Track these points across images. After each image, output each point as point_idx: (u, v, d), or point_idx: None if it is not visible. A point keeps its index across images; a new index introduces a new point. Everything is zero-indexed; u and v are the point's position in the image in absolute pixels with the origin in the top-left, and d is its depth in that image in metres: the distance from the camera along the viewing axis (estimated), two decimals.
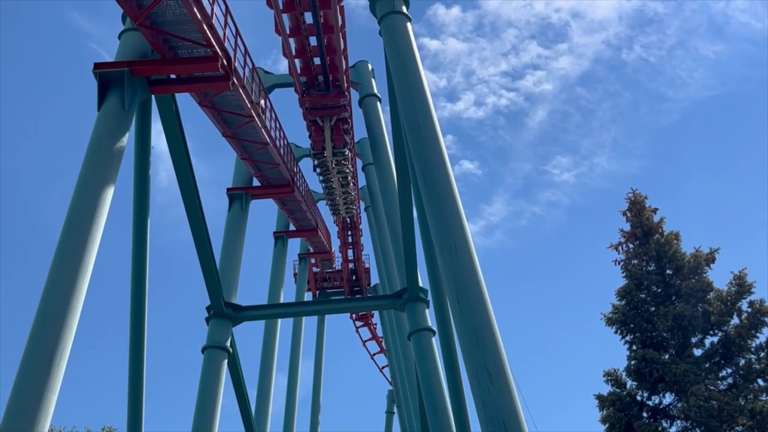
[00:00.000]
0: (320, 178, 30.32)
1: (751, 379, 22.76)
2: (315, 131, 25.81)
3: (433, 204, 15.12)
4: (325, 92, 24.00)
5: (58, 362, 12.56)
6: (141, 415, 21.23)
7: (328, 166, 27.97)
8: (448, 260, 14.10)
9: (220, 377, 22.57)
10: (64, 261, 13.72)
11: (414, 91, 17.26)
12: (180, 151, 19.44)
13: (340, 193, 31.97)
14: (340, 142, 26.30)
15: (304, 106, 24.72)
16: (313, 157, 28.03)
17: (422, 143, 16.18)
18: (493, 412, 12.04)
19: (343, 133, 25.97)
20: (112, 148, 15.52)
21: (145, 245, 20.64)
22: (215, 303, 23.32)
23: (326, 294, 47.90)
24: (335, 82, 23.99)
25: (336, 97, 24.26)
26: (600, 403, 23.74)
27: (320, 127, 25.49)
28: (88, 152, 15.42)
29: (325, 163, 27.71)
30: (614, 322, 24.75)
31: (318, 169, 28.66)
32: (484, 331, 13.14)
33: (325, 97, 24.07)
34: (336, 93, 24.15)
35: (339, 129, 25.73)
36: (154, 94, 17.78)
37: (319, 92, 24.01)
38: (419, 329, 22.98)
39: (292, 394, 39.94)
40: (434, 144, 16.18)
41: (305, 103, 24.45)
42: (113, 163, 15.48)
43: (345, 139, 26.49)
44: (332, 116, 25.20)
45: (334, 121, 25.38)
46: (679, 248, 25.14)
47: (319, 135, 25.83)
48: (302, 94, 24.09)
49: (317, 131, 25.73)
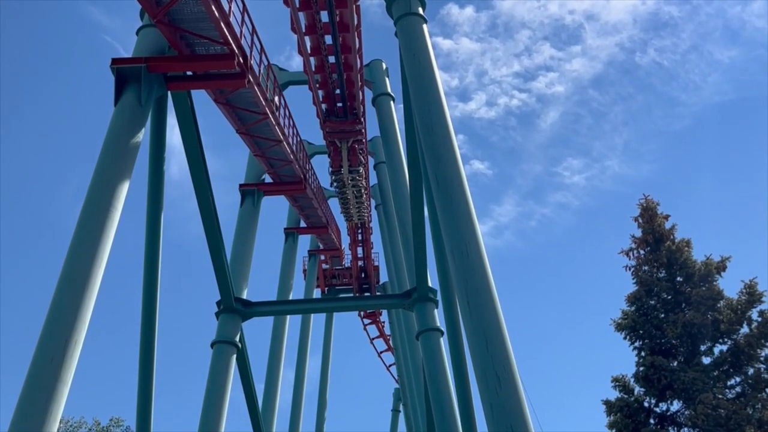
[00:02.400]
0: (336, 191, 32.85)
1: (760, 388, 22.61)
2: (333, 151, 28.75)
3: (444, 206, 15.15)
4: (343, 119, 26.73)
5: (71, 354, 12.71)
6: (150, 407, 21.41)
7: (344, 182, 30.65)
8: (459, 263, 14.13)
9: (228, 372, 22.72)
10: (78, 254, 13.86)
11: (428, 93, 17.31)
12: (194, 148, 19.57)
13: (354, 204, 34.68)
14: (356, 161, 29.16)
15: (325, 130, 27.41)
16: (331, 174, 30.51)
17: (436, 146, 16.21)
18: (501, 415, 12.08)
19: (358, 153, 28.98)
20: (128, 143, 15.67)
21: (158, 240, 20.79)
22: (225, 298, 23.48)
23: (335, 291, 48.03)
24: (352, 110, 26.60)
25: (352, 124, 27.03)
26: (607, 408, 23.68)
27: (338, 148, 28.41)
28: (104, 147, 15.57)
29: (341, 179, 30.41)
30: (623, 327, 24.68)
31: (335, 183, 31.30)
32: (494, 334, 13.17)
33: (344, 123, 26.85)
34: (353, 120, 26.90)
35: (355, 150, 28.71)
36: (170, 90, 17.92)
37: (338, 119, 26.73)
38: (428, 329, 23.05)
39: (299, 389, 40.12)
40: (447, 147, 16.22)
41: (326, 128, 27.15)
42: (129, 158, 15.61)
43: (360, 159, 29.38)
44: (349, 139, 28.02)
45: (351, 142, 28.29)
46: (690, 255, 25.02)
47: (337, 155, 28.78)
48: (324, 120, 26.81)
49: (335, 152, 28.66)
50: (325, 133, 27.68)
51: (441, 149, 16.13)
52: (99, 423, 46.54)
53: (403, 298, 24.86)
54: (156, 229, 20.68)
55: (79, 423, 45.73)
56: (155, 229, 20.67)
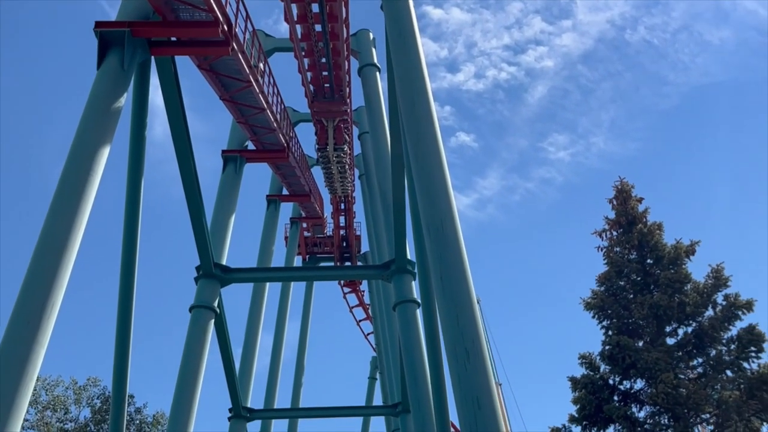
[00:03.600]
0: (322, 166, 34.51)
1: (721, 369, 23.33)
2: (320, 130, 30.35)
3: (423, 183, 15.32)
4: (330, 100, 28.07)
5: (49, 316, 12.88)
6: (127, 369, 21.67)
7: (330, 158, 32.25)
8: (435, 240, 14.36)
9: (206, 336, 22.95)
10: (57, 217, 13.94)
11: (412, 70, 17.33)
12: (177, 114, 19.59)
13: (338, 178, 35.96)
14: (341, 139, 30.63)
15: (313, 110, 28.90)
16: (317, 150, 32.12)
17: (416, 123, 16.28)
18: (468, 388, 12.44)
19: (343, 132, 30.45)
20: (110, 107, 15.67)
21: (138, 204, 20.85)
22: (205, 263, 23.62)
23: (316, 259, 48.25)
24: (339, 91, 27.90)
25: (339, 105, 28.42)
26: (573, 384, 24.27)
27: (325, 126, 29.90)
28: (86, 109, 15.56)
29: (327, 156, 32.01)
30: (593, 307, 25.23)
31: (321, 159, 33.08)
32: (465, 311, 13.44)
33: (331, 103, 28.23)
34: (339, 101, 28.34)
35: (340, 129, 30.22)
36: (153, 55, 17.91)
37: (325, 99, 28.07)
38: (404, 301, 23.32)
39: (277, 355, 40.41)
40: (428, 125, 16.28)
41: (314, 107, 28.63)
42: (110, 122, 15.63)
43: (345, 137, 30.82)
44: (335, 118, 29.48)
45: (336, 122, 29.76)
46: (660, 239, 25.53)
47: (324, 133, 30.36)
48: (311, 100, 28.21)
49: (322, 130, 30.23)
50: (313, 112, 29.10)
51: (422, 127, 16.20)
52: (76, 382, 46.95)
53: (382, 269, 25.07)
54: (136, 192, 20.72)
55: (56, 382, 46.10)
56: (135, 192, 20.70)
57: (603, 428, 23.50)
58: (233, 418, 29.58)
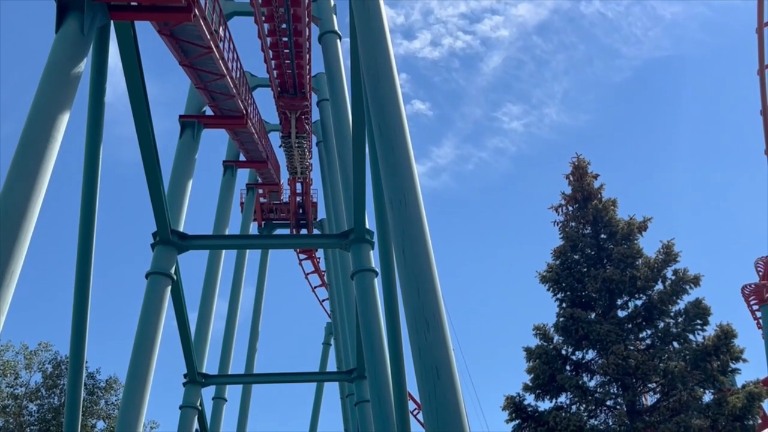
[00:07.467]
0: (284, 149, 37.58)
1: (668, 341, 24.22)
2: (284, 120, 33.45)
3: (385, 155, 15.35)
4: (293, 96, 31.48)
5: (8, 284, 12.72)
6: (84, 333, 21.55)
7: (292, 145, 35.71)
8: (397, 212, 14.50)
9: (162, 303, 22.85)
10: (16, 185, 13.65)
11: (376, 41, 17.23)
12: (135, 79, 19.19)
13: (298, 161, 38.93)
14: (302, 128, 34.01)
15: (279, 104, 32.04)
16: (281, 137, 35.75)
17: (380, 94, 16.23)
18: (428, 359, 12.77)
19: (304, 122, 33.81)
20: (69, 72, 15.30)
21: (96, 170, 20.56)
22: (161, 230, 23.37)
23: (272, 225, 48.04)
24: (301, 89, 31.20)
25: (301, 100, 31.72)
26: (527, 354, 24.90)
27: (288, 117, 33.02)
28: (44, 75, 15.16)
29: (289, 143, 35.56)
30: (548, 280, 25.81)
31: (283, 145, 36.64)
32: (426, 282, 13.70)
33: (294, 99, 31.59)
34: (301, 97, 31.57)
35: (302, 120, 33.52)
36: (113, 20, 17.46)
37: (290, 95, 31.43)
38: (363, 270, 23.48)
39: (232, 320, 40.47)
40: (391, 96, 16.26)
41: (280, 102, 31.81)
42: (69, 88, 15.26)
43: (305, 127, 34.17)
44: (297, 111, 32.56)
45: (299, 114, 32.93)
46: (614, 215, 26.17)
47: (287, 123, 33.47)
48: (278, 96, 31.51)
49: (286, 120, 33.35)
50: (278, 106, 32.17)
51: (385, 98, 16.20)
52: (27, 347, 46.22)
53: (341, 238, 25.16)
54: (94, 159, 20.40)
55: (6, 346, 45.30)
56: (93, 159, 20.39)
57: (555, 397, 24.26)
58: (188, 383, 29.68)
